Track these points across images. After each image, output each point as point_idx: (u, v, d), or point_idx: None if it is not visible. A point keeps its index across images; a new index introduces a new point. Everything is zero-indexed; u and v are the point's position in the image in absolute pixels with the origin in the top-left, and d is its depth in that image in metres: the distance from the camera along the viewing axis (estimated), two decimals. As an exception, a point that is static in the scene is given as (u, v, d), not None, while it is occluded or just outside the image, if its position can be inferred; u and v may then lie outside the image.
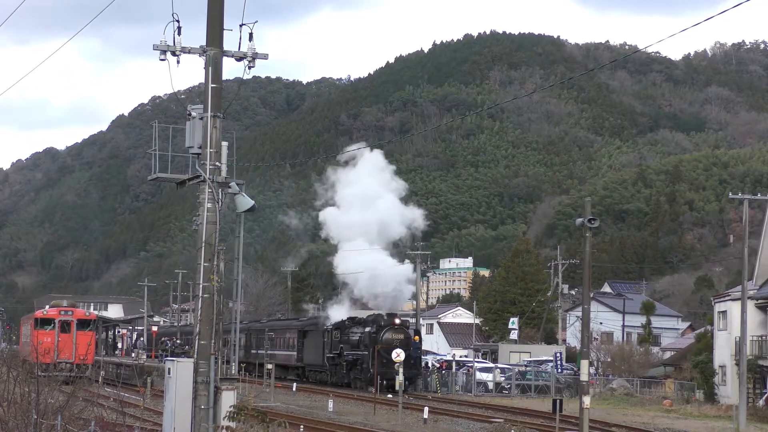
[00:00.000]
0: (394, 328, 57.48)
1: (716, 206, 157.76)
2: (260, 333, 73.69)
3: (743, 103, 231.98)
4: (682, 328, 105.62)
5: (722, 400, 60.14)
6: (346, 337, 61.10)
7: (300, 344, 67.39)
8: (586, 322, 31.56)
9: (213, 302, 21.29)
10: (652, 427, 39.94)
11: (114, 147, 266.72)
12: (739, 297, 50.63)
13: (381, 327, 57.46)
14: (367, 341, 57.81)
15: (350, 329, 61.06)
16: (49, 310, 58.86)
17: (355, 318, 62.45)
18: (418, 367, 59.84)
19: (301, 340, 67.47)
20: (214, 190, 21.34)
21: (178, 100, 24.47)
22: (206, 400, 20.92)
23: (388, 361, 52.92)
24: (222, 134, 21.84)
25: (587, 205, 32.02)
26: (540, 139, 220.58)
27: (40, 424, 18.75)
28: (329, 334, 62.80)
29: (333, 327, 62.61)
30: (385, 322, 57.80)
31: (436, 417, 39.79)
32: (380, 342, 55.90)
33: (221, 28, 21.47)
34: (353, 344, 60.00)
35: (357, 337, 59.84)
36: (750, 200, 50.67)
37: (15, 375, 21.94)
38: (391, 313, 59.39)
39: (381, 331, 57.08)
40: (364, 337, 58.87)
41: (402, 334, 57.50)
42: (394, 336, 56.67)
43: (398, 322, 58.52)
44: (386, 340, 56.21)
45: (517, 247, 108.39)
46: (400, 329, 57.97)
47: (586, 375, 30.67)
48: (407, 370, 53.77)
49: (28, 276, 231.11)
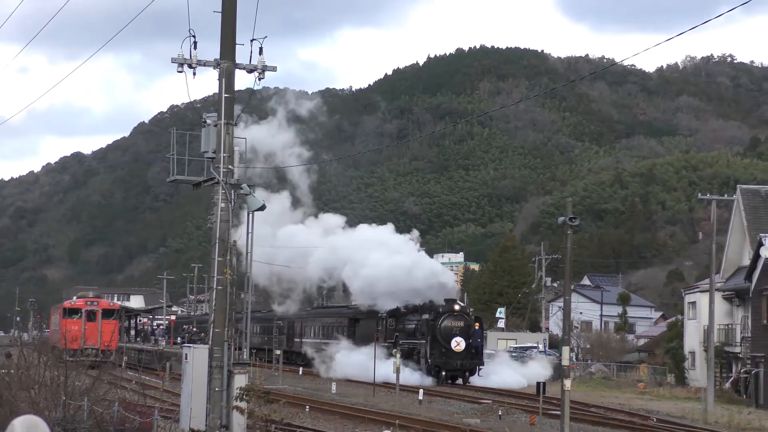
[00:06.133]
0: (453, 314, 50.06)
1: (686, 206, 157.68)
2: (304, 321, 66.70)
3: (711, 112, 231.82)
4: (655, 318, 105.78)
5: (692, 383, 60.19)
6: (401, 325, 53.43)
7: (351, 333, 58.57)
8: (568, 312, 31.56)
9: (226, 293, 21.32)
10: (628, 407, 39.96)
11: (136, 152, 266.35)
12: (707, 289, 50.66)
13: (439, 314, 50.03)
14: (425, 329, 50.44)
15: (406, 317, 53.30)
16: (77, 301, 58.88)
17: (411, 305, 53.48)
18: (479, 356, 51.28)
19: (352, 328, 58.90)
20: (227, 191, 21.39)
21: (194, 108, 24.32)
22: (220, 382, 20.98)
23: (448, 351, 48.88)
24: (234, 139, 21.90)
25: (568, 205, 32.02)
26: (525, 144, 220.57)
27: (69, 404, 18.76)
28: (383, 322, 54.77)
29: (388, 314, 54.42)
30: (444, 309, 50.26)
31: (430, 398, 39.78)
32: (438, 330, 49.57)
33: (233, 43, 21.53)
34: (409, 332, 52.49)
35: (413, 325, 52.09)
36: (717, 200, 50.70)
37: (45, 360, 21.96)
38: (450, 299, 51.64)
39: (439, 319, 49.82)
40: (420, 324, 51.15)
41: (462, 321, 50.22)
42: (454, 323, 49.83)
43: (458, 308, 50.84)
44: (445, 327, 49.63)
45: (505, 244, 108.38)
46: (459, 316, 50.43)
47: (567, 360, 30.66)
48: (468, 360, 49.61)
49: (57, 270, 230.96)
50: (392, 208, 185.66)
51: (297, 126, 58.38)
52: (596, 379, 65.61)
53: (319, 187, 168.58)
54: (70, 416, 18.18)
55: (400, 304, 54.31)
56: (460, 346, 48.81)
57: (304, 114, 62.46)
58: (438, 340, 49.51)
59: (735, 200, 58.02)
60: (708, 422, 35.89)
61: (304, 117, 62.16)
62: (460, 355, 49.78)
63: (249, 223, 23.02)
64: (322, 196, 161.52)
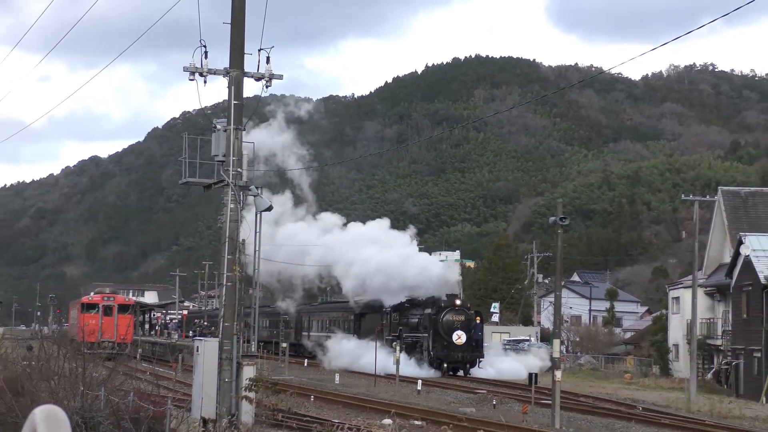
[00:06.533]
0: (454, 309, 49.69)
1: (670, 206, 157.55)
2: (312, 315, 66.21)
3: (694, 117, 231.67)
4: (640, 312, 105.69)
5: (675, 374, 60.20)
6: (405, 319, 52.99)
7: (357, 327, 58.28)
8: (558, 307, 31.58)
9: (235, 289, 21.32)
10: (615, 397, 39.95)
11: (150, 155, 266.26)
12: (690, 285, 50.68)
13: (441, 308, 49.68)
14: (427, 323, 50.22)
15: (409, 311, 52.79)
16: (94, 297, 58.96)
17: (414, 300, 53.08)
18: (479, 349, 50.75)
19: (357, 322, 58.59)
20: (236, 192, 21.38)
21: (205, 114, 24.33)
22: (230, 373, 20.98)
23: (449, 344, 48.41)
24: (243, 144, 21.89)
25: (559, 206, 32.04)
26: (518, 148, 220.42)
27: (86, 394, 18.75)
28: (388, 317, 54.38)
29: (392, 309, 54.07)
30: (445, 303, 49.97)
31: (428, 389, 39.73)
32: (440, 324, 49.17)
33: (242, 53, 21.52)
34: (412, 326, 52.02)
35: (416, 319, 51.76)
36: (700, 201, 50.74)
37: (64, 352, 21.95)
38: (452, 294, 51.22)
39: (441, 313, 49.51)
40: (423, 318, 50.93)
41: (463, 316, 49.85)
42: (455, 317, 49.47)
43: (459, 303, 50.45)
44: (447, 321, 49.31)
45: (499, 242, 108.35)
46: (461, 310, 50.01)
47: (558, 352, 30.69)
48: (469, 353, 49.20)
49: (75, 267, 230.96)
50: (392, 209, 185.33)
51: (297, 126, 58.07)
52: (585, 371, 65.57)
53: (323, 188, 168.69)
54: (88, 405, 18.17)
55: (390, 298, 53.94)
56: (461, 340, 48.36)
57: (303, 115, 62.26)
58: (440, 334, 49.16)
59: (716, 201, 58.07)
60: (691, 411, 35.89)
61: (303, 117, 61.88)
62: (461, 348, 49.37)
63: (257, 223, 23.01)
64: (326, 197, 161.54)
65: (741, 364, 50.99)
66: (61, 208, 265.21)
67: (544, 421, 28.42)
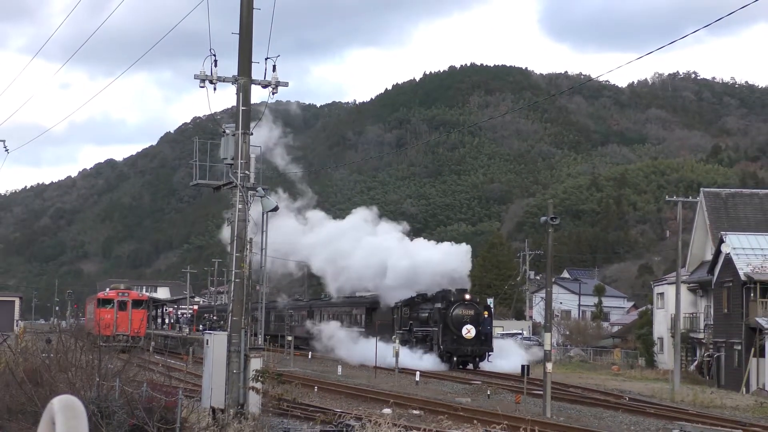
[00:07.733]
0: (464, 303, 48.30)
1: (655, 207, 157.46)
2: (322, 309, 64.68)
3: (677, 123, 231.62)
4: (627, 307, 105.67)
5: (660, 365, 60.17)
6: (415, 313, 51.49)
7: (368, 321, 56.63)
8: (549, 302, 31.55)
9: (243, 285, 21.29)
10: (603, 387, 39.92)
11: (162, 158, 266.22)
12: (674, 281, 50.66)
13: (450, 303, 48.25)
14: (437, 317, 48.82)
15: (420, 305, 51.22)
16: (109, 292, 58.86)
17: (424, 294, 51.39)
18: (488, 343, 49.01)
19: (368, 316, 57.03)
20: (244, 193, 21.36)
21: (214, 119, 24.35)
22: (238, 365, 20.95)
23: (459, 337, 47.16)
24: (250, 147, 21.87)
25: (550, 206, 32.01)
26: (511, 152, 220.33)
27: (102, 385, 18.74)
28: (398, 311, 52.93)
29: (402, 303, 52.57)
30: (455, 298, 48.50)
31: (426, 380, 39.72)
32: (450, 318, 47.82)
33: (250, 62, 21.53)
34: (422, 320, 50.63)
35: (426, 314, 50.29)
36: (683, 202, 50.73)
37: (81, 345, 21.94)
38: (461, 289, 49.74)
39: (451, 307, 48.08)
40: (433, 313, 49.45)
41: (472, 310, 48.45)
42: (465, 312, 48.08)
43: (468, 298, 48.98)
44: (456, 315, 47.93)
45: (493, 241, 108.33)
46: (470, 305, 48.64)
47: (549, 345, 30.66)
48: (478, 347, 47.83)
49: (91, 264, 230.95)
50: (392, 209, 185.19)
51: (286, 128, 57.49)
52: (575, 363, 65.56)
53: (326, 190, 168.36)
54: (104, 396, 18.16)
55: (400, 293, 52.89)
56: (470, 333, 47.14)
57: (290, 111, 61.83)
58: (450, 328, 47.95)
59: (698, 202, 58.04)
60: (675, 401, 35.88)
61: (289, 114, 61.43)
62: (470, 342, 47.97)
63: (264, 223, 22.99)
64: (329, 198, 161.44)
65: (722, 357, 50.95)
66: (78, 209, 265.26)
67: (536, 410, 28.40)
